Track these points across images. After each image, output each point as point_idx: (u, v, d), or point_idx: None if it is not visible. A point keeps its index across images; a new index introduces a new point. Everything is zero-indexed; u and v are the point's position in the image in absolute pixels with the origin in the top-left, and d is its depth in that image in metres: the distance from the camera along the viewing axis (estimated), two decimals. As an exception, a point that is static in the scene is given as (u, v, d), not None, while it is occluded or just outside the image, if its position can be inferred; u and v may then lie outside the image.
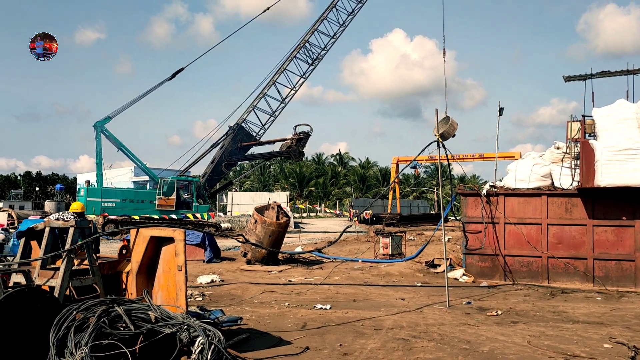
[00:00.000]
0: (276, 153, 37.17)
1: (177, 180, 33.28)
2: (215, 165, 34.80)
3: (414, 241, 24.86)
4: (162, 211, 31.78)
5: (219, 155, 34.88)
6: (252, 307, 10.15)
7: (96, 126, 31.40)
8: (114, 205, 30.66)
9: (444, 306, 10.33)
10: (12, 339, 5.28)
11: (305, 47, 35.97)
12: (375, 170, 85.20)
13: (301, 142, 35.27)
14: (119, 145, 32.25)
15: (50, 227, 6.90)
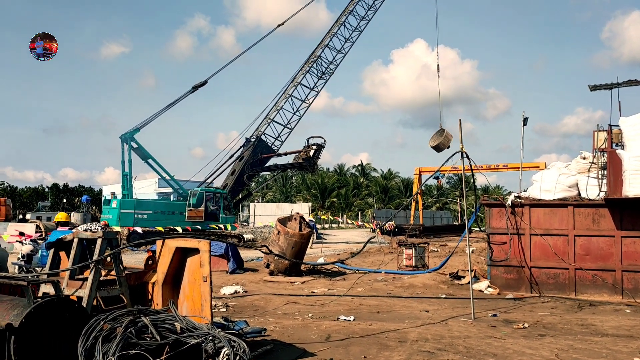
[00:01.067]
0: (291, 165, 37.72)
1: (205, 191, 33.64)
2: (237, 176, 35.16)
3: (437, 252, 24.65)
4: (191, 222, 32.10)
5: (240, 167, 35.25)
6: (275, 318, 10.16)
7: (124, 138, 31.77)
8: (146, 217, 30.93)
9: (469, 318, 10.21)
10: (42, 348, 5.38)
11: (316, 61, 36.64)
12: (398, 181, 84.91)
13: (315, 154, 35.73)
14: (147, 157, 32.52)
15: (78, 238, 7.02)
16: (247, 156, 35.26)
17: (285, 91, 36.92)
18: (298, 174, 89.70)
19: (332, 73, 37.39)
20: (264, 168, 37.53)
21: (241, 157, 35.79)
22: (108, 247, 6.87)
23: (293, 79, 37.00)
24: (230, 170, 36.07)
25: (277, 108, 36.60)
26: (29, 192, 79.23)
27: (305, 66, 36.66)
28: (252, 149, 35.46)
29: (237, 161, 35.89)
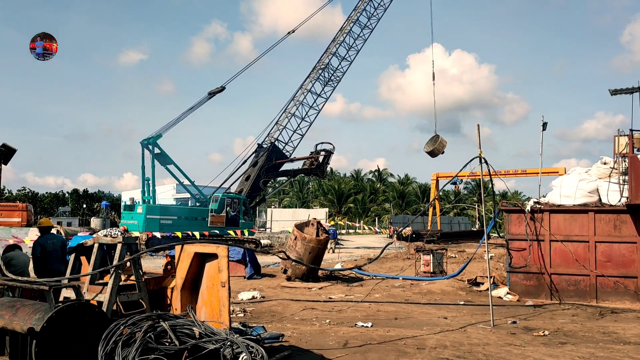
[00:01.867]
0: (301, 170, 38.12)
1: (226, 197, 33.88)
2: (253, 182, 35.40)
3: (455, 259, 24.46)
4: (213, 228, 32.29)
5: (254, 173, 35.55)
6: (293, 324, 10.15)
7: (145, 143, 31.93)
8: (170, 223, 31.08)
9: (488, 325, 10.11)
10: (63, 352, 5.43)
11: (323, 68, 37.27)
12: (415, 186, 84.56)
13: (325, 159, 36.46)
14: (169, 162, 32.64)
15: (99, 243, 7.10)
16: (262, 162, 35.58)
17: (295, 98, 37.44)
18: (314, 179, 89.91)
19: (339, 80, 37.92)
20: (278, 174, 37.87)
21: (255, 163, 36.15)
22: (128, 253, 6.94)
23: (301, 85, 37.50)
24: (244, 176, 36.34)
25: (288, 114, 37.16)
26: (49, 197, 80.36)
27: (313, 73, 37.20)
28: (266, 154, 35.79)
29: (251, 167, 36.20)
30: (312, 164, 36.32)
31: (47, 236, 9.82)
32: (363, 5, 37.63)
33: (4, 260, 8.71)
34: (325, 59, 37.44)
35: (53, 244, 9.98)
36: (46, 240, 9.99)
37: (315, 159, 36.31)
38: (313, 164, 36.24)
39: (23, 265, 10.01)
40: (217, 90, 35.36)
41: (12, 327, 5.42)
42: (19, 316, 5.59)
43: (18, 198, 67.18)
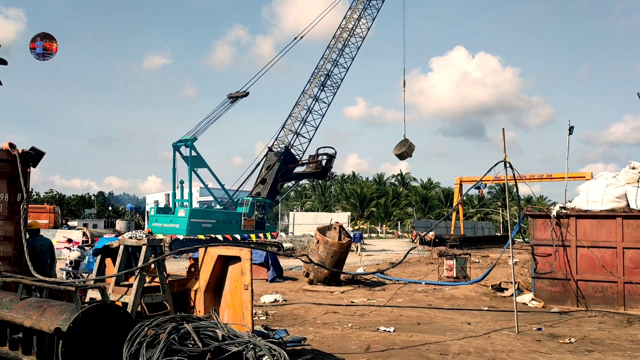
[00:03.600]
0: (306, 174, 38.89)
1: (255, 201, 34.21)
2: (271, 185, 35.89)
3: (479, 264, 24.20)
4: (245, 231, 32.60)
5: (272, 176, 36.00)
6: (315, 328, 10.15)
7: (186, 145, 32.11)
8: (210, 226, 31.33)
9: (512, 332, 9.97)
10: (88, 353, 5.51)
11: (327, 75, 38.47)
12: (438, 190, 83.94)
13: (328, 163, 37.65)
14: (203, 165, 32.82)
15: (124, 245, 7.19)
16: (278, 165, 36.15)
17: (299, 103, 38.50)
18: (337, 183, 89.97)
19: (339, 86, 38.88)
20: (292, 177, 38.55)
21: (269, 167, 36.67)
22: (152, 255, 7.01)
23: (303, 91, 38.58)
24: (260, 179, 36.78)
25: (296, 118, 38.23)
26: (76, 199, 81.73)
27: (315, 79, 38.12)
28: (281, 158, 36.38)
29: (265, 170, 36.66)
30: (317, 167, 37.21)
31: (36, 237, 9.99)
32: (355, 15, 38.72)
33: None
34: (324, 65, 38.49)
35: (41, 245, 10.17)
36: (35, 242, 10.20)
37: (319, 162, 37.34)
38: (318, 168, 37.04)
39: (50, 267, 10.20)
40: (240, 95, 35.79)
41: (40, 327, 5.51)
42: (46, 316, 5.69)
43: (46, 200, 68.52)
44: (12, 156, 8.48)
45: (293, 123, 38.07)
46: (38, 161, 8.83)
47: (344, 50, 38.37)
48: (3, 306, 6.18)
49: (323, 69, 38.13)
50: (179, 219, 30.37)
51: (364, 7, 38.46)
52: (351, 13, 38.62)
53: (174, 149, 32.28)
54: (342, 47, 38.26)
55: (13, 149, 8.52)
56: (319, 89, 38.14)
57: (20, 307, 6.02)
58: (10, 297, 6.34)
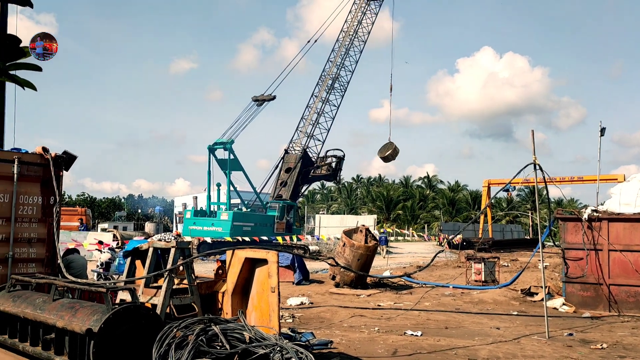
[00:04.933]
0: (318, 177, 39.87)
1: (285, 204, 34.51)
2: (293, 188, 36.21)
3: (508, 267, 23.84)
4: (278, 234, 32.90)
5: (292, 179, 36.35)
6: (341, 331, 10.13)
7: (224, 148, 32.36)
8: (250, 229, 31.61)
9: (543, 337, 9.80)
10: (119, 353, 5.60)
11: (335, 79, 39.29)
12: (465, 193, 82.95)
13: (337, 165, 38.76)
14: (238, 168, 33.01)
15: (153, 247, 7.29)
16: (299, 168, 36.66)
17: (309, 105, 39.15)
18: (363, 185, 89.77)
19: (346, 89, 39.60)
20: (309, 179, 39.10)
21: (288, 169, 37.01)
22: (181, 257, 7.09)
23: (312, 94, 39.76)
24: (280, 182, 37.07)
25: (308, 121, 38.82)
26: (106, 202, 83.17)
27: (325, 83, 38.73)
28: (301, 161, 36.84)
29: (285, 172, 37.00)
30: (328, 170, 37.52)
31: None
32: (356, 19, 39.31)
33: (64, 263, 9.06)
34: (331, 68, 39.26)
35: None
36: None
37: (330, 165, 38.26)
38: (329, 170, 37.71)
39: (82, 268, 10.42)
40: (268, 98, 36.16)
41: (72, 328, 5.62)
42: (78, 317, 5.80)
43: (77, 203, 69.89)
44: (45, 160, 8.69)
45: (306, 126, 38.76)
46: (70, 165, 9.02)
47: (347, 53, 39.13)
48: (36, 307, 6.32)
49: (331, 72, 38.89)
50: (222, 222, 30.48)
51: (364, 12, 39.13)
52: (352, 17, 39.25)
53: (210, 152, 32.37)
54: (346, 50, 38.93)
55: (46, 153, 8.72)
56: (327, 92, 38.83)
57: (52, 308, 6.15)
58: (43, 298, 6.48)
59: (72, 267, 9.93)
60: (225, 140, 32.37)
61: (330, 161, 38.66)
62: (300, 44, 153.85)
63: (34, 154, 8.75)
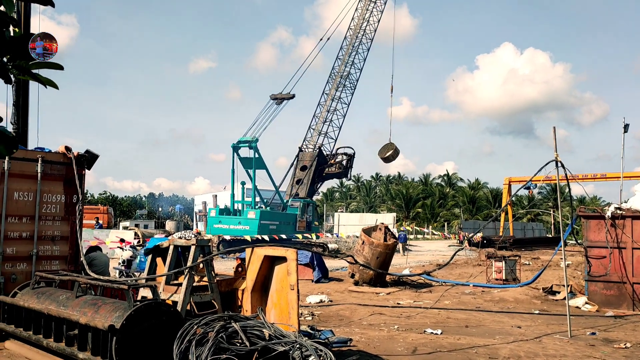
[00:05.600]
0: (331, 174, 39.87)
1: (305, 202, 34.70)
2: (309, 185, 36.40)
3: (529, 266, 23.59)
4: (300, 232, 33.11)
5: (308, 176, 36.54)
6: (361, 329, 10.12)
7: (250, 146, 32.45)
8: (275, 227, 31.79)
9: (565, 336, 9.68)
10: (140, 349, 5.67)
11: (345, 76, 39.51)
12: (486, 191, 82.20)
13: (348, 163, 39.12)
14: (262, 166, 33.09)
15: (174, 245, 7.36)
16: (315, 166, 36.93)
17: (320, 103, 39.96)
18: (382, 183, 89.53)
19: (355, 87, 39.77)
20: (325, 176, 39.39)
21: (303, 167, 37.22)
22: (201, 254, 7.15)
23: (323, 91, 40.06)
24: (295, 180, 37.21)
25: (321, 119, 39.22)
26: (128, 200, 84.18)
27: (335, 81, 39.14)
28: (316, 158, 37.10)
29: (300, 170, 37.17)
30: (340, 167, 38.45)
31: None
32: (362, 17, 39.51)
33: (87, 261, 9.20)
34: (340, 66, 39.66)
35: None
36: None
37: (341, 163, 38.67)
38: (340, 168, 38.42)
39: (104, 265, 10.56)
40: (287, 97, 36.33)
41: (94, 324, 5.71)
42: (100, 314, 5.89)
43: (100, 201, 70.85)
44: (68, 159, 8.82)
45: (318, 124, 39.13)
46: (92, 164, 9.15)
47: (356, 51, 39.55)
48: (60, 303, 6.43)
49: (340, 70, 39.19)
50: (250, 220, 30.49)
51: (370, 11, 39.42)
52: (359, 15, 39.53)
53: (234, 150, 32.36)
54: (354, 48, 39.25)
55: (69, 152, 8.86)
56: (336, 90, 39.16)
57: (76, 305, 6.25)
58: (67, 295, 6.59)
59: (94, 264, 10.07)
60: (250, 139, 32.31)
61: (341, 159, 38.90)
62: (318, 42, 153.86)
63: (57, 153, 8.90)
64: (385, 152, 39.47)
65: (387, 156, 39.47)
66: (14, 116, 13.16)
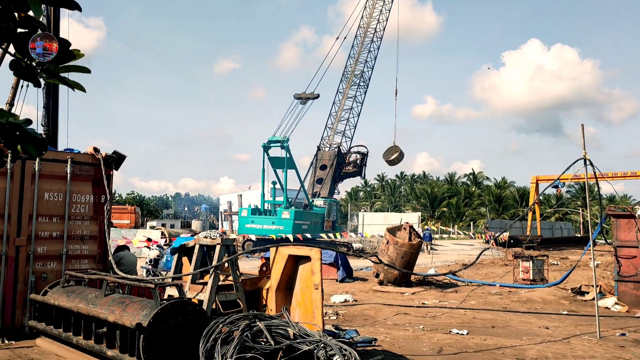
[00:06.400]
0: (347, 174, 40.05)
1: (331, 202, 34.87)
2: (331, 185, 36.59)
3: (557, 266, 23.21)
4: (328, 231, 33.31)
5: (329, 176, 36.64)
6: (385, 329, 10.09)
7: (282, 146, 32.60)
8: (306, 227, 31.99)
9: (594, 337, 9.50)
10: (167, 347, 5.75)
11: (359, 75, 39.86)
12: (512, 190, 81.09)
13: (362, 161, 39.53)
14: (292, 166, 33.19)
15: (199, 244, 7.44)
16: (335, 165, 37.23)
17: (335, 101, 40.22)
18: (407, 183, 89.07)
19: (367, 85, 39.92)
20: (342, 175, 39.67)
21: (322, 166, 37.38)
22: (226, 254, 7.21)
23: (337, 90, 40.28)
24: (316, 179, 37.32)
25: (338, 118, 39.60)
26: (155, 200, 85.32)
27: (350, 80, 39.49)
28: (336, 158, 37.34)
29: (319, 170, 37.31)
30: (354, 166, 38.73)
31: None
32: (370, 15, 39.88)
33: (115, 260, 9.36)
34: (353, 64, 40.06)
35: None
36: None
37: (355, 162, 39.00)
38: (355, 167, 38.71)
39: (132, 265, 10.73)
40: (312, 97, 36.60)
41: (122, 322, 5.81)
42: (128, 312, 5.99)
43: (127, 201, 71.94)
44: (96, 160, 8.99)
45: (335, 124, 39.45)
46: (120, 164, 9.31)
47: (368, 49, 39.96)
48: (89, 302, 6.56)
49: (354, 69, 39.32)
50: (284, 220, 30.53)
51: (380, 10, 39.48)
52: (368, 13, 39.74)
53: (264, 150, 32.41)
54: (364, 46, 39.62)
55: (97, 153, 9.02)
56: (349, 88, 39.30)
57: (104, 303, 6.37)
58: (96, 293, 6.72)
59: (122, 263, 10.24)
60: (281, 139, 32.28)
61: (355, 158, 39.12)
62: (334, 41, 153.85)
63: (85, 154, 9.07)
64: (390, 155, 39.89)
65: (393, 159, 39.95)
66: (44, 118, 13.48)
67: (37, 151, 1.96)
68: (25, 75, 2.00)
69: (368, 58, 39.60)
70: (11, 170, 8.16)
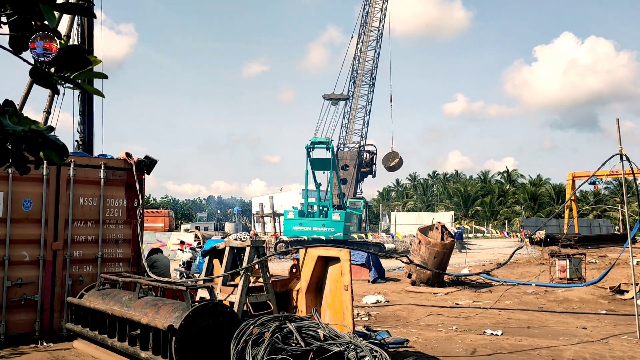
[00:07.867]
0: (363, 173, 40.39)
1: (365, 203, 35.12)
2: (355, 184, 36.80)
3: (595, 264, 22.64)
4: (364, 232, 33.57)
5: (352, 176, 36.83)
6: (418, 330, 10.00)
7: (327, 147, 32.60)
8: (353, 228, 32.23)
9: (633, 337, 9.23)
10: (198, 348, 5.82)
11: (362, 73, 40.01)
12: (548, 187, 79.43)
13: (372, 160, 40.11)
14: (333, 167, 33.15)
15: (230, 246, 7.51)
16: (357, 165, 37.59)
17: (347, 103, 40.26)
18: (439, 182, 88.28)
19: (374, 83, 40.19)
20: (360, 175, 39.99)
21: (344, 166, 37.73)
22: (256, 255, 7.26)
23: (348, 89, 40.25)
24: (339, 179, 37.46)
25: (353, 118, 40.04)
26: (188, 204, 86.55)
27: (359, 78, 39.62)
28: (357, 158, 37.60)
29: (341, 170, 37.54)
30: (366, 165, 39.37)
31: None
32: None
33: (148, 263, 9.52)
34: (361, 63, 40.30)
35: None
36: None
37: (368, 161, 39.61)
38: (367, 166, 39.38)
39: (165, 267, 10.90)
40: (343, 98, 36.97)
41: (155, 324, 5.90)
42: (160, 314, 6.08)
43: (161, 205, 73.17)
44: (128, 165, 9.16)
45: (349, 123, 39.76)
46: (152, 168, 9.46)
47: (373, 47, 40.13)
48: (123, 304, 6.69)
49: (362, 67, 39.47)
50: (335, 222, 30.50)
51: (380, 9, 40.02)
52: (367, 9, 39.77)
53: (307, 151, 32.34)
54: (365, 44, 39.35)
55: (129, 158, 9.19)
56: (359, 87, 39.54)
57: (137, 305, 6.48)
58: (129, 296, 6.84)
59: (156, 266, 10.41)
60: (325, 140, 32.14)
61: (365, 157, 39.36)
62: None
63: (118, 159, 9.26)
64: (390, 162, 40.33)
65: (393, 165, 40.46)
66: (80, 125, 13.83)
67: (59, 158, 2.01)
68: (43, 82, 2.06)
69: (373, 56, 39.77)
70: (47, 176, 8.38)
